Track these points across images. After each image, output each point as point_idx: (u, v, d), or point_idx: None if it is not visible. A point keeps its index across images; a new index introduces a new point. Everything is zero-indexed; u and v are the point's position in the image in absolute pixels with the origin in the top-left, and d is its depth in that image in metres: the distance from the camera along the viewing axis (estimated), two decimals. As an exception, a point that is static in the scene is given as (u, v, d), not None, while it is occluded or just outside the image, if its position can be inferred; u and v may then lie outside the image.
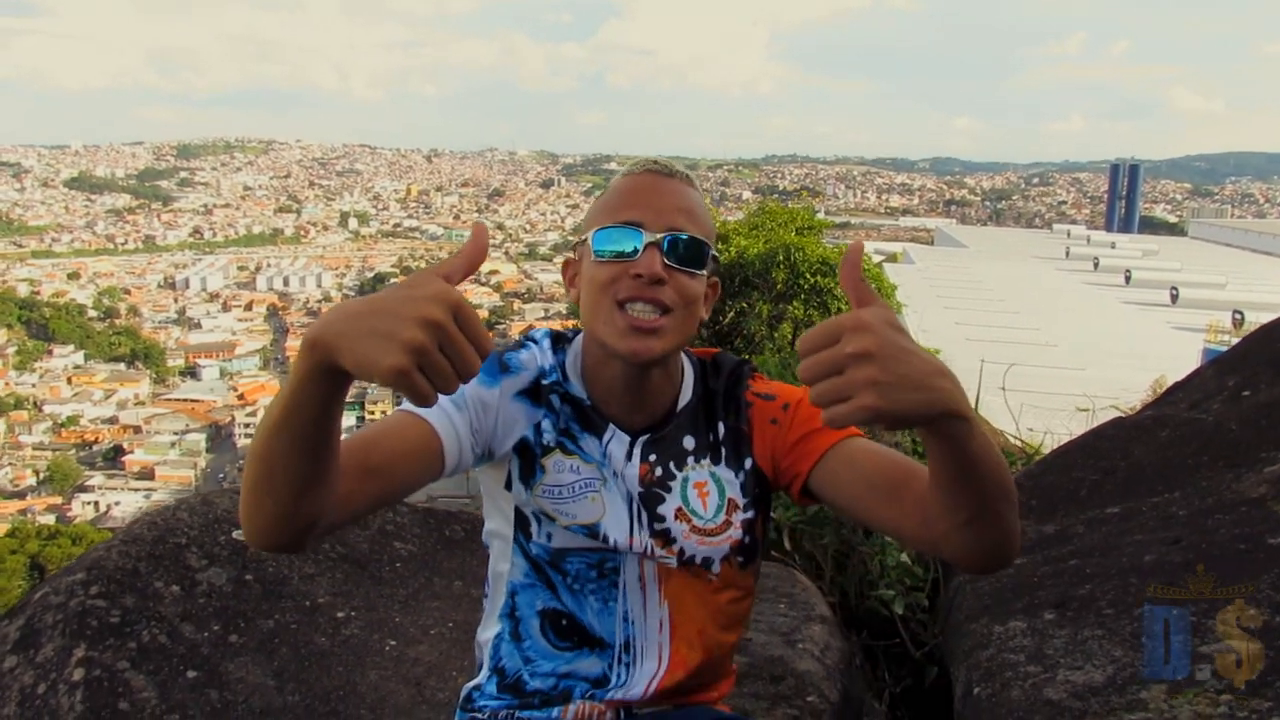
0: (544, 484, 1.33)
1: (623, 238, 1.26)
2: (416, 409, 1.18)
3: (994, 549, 1.12)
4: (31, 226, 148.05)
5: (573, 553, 1.35)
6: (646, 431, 1.36)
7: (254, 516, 1.05)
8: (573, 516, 1.33)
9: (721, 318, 11.38)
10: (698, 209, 1.31)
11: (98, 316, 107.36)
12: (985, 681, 1.93)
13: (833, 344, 0.92)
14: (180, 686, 2.09)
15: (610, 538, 1.33)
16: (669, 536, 1.34)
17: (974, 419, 0.99)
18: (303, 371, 0.95)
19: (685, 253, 1.27)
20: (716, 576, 1.37)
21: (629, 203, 1.29)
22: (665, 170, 1.33)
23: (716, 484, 1.37)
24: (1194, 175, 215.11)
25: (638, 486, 1.34)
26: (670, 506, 1.35)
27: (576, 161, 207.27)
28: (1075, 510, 2.72)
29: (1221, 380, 3.30)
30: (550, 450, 1.33)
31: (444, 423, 1.22)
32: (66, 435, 73.21)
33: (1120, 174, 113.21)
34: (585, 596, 1.36)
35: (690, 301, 1.28)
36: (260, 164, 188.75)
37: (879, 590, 2.79)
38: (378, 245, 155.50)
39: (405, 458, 1.19)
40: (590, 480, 1.33)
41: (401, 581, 2.69)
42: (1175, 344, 22.56)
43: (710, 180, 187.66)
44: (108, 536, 2.75)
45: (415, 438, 1.20)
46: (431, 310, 0.89)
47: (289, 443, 0.99)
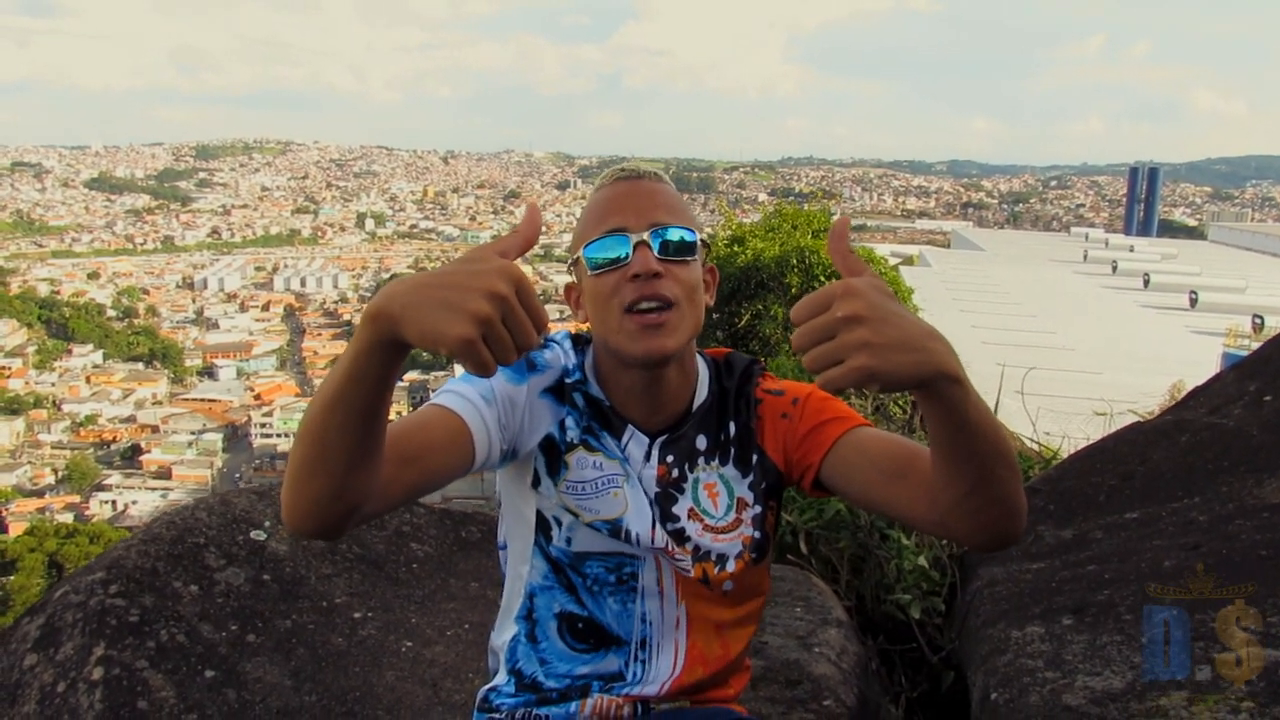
0: (567, 480, 1.35)
1: (611, 246, 1.29)
2: (446, 404, 1.23)
3: (998, 521, 1.13)
4: (52, 226, 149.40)
5: (593, 556, 1.37)
6: (664, 432, 1.38)
7: (300, 497, 1.05)
8: (596, 512, 1.35)
9: (737, 320, 11.36)
10: (675, 203, 1.34)
11: (116, 316, 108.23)
12: (1003, 687, 1.92)
13: (824, 311, 0.94)
14: (198, 686, 2.10)
15: (633, 532, 1.35)
16: (683, 535, 1.37)
17: (967, 382, 1.01)
18: (363, 344, 0.97)
19: (674, 244, 1.29)
20: (731, 577, 1.38)
21: (609, 212, 1.31)
22: (635, 173, 1.36)
23: (725, 485, 1.40)
24: (1214, 178, 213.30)
25: (655, 486, 1.37)
26: (684, 506, 1.38)
27: (593, 164, 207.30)
28: (1094, 515, 2.70)
29: (1242, 385, 3.27)
30: (574, 447, 1.35)
31: (474, 416, 1.24)
32: (85, 434, 73.82)
33: (1139, 177, 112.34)
34: (604, 598, 1.38)
35: (691, 289, 1.30)
36: (278, 165, 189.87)
37: (895, 594, 2.78)
38: (394, 246, 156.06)
39: (438, 449, 1.20)
40: (613, 476, 1.36)
41: (418, 582, 2.70)
42: (1194, 348, 22.34)
43: (726, 182, 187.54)
44: (125, 535, 2.77)
45: (447, 430, 1.22)
46: (497, 284, 0.92)
47: (344, 417, 1.01)
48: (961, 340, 19.34)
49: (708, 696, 1.43)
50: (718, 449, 1.40)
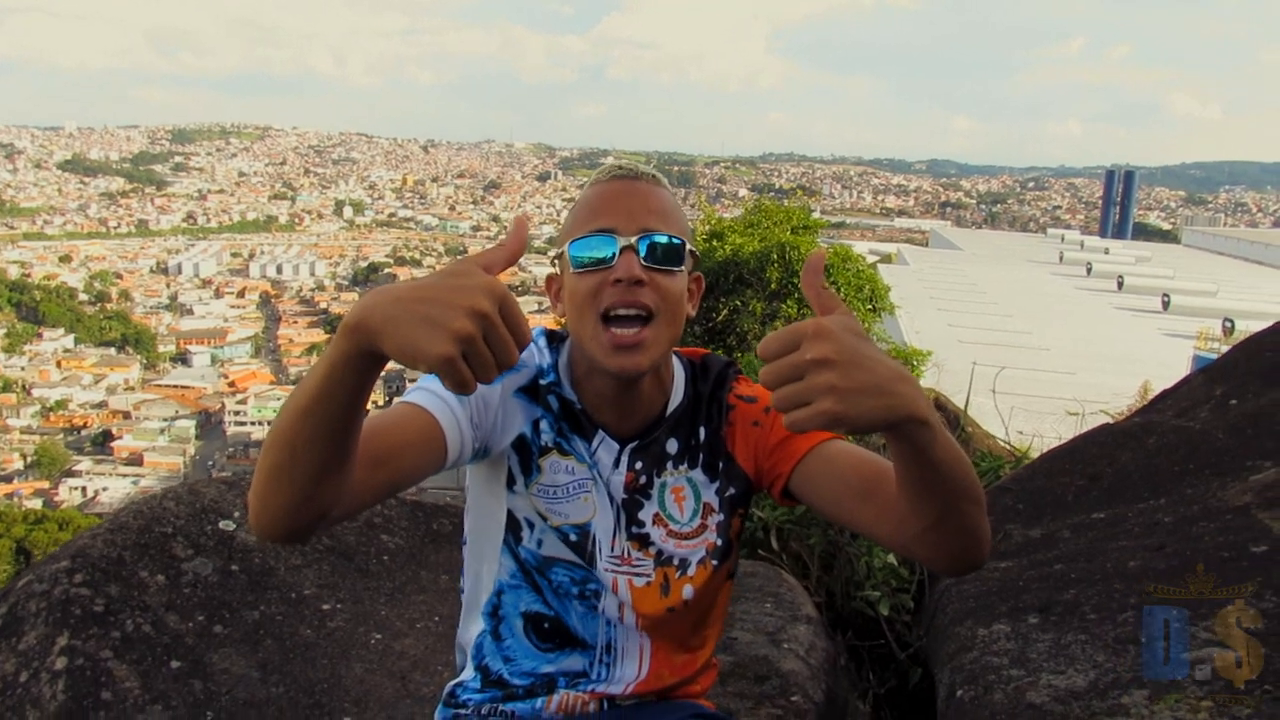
0: (540, 483, 1.34)
1: (598, 245, 1.26)
2: (418, 401, 1.21)
3: (962, 552, 1.14)
4: (23, 208, 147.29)
5: (560, 563, 1.36)
6: (635, 438, 1.37)
7: (268, 503, 1.04)
8: (565, 516, 1.34)
9: (715, 315, 11.39)
10: (669, 208, 1.30)
11: (89, 300, 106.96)
12: (968, 684, 1.94)
13: (793, 350, 0.93)
14: (163, 677, 2.08)
15: (597, 538, 1.35)
16: (647, 540, 1.37)
17: (936, 424, 1.00)
18: (340, 354, 0.95)
19: (661, 252, 1.26)
20: (691, 582, 1.38)
21: (600, 210, 1.28)
22: (632, 173, 1.32)
23: (693, 489, 1.39)
24: (1189, 183, 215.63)
25: (621, 493, 1.36)
26: (649, 512, 1.37)
27: (573, 155, 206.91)
28: (1062, 515, 2.73)
29: (1209, 389, 3.32)
30: (548, 451, 1.34)
31: (446, 415, 1.23)
32: (55, 419, 72.96)
33: (1115, 180, 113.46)
34: (570, 601, 1.38)
35: (673, 301, 1.28)
36: (256, 150, 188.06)
37: (865, 591, 2.80)
38: (372, 235, 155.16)
39: (410, 448, 1.19)
40: (583, 480, 1.35)
41: (388, 574, 2.69)
42: (1165, 350, 22.62)
43: (707, 177, 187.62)
44: (95, 522, 2.74)
45: (419, 429, 1.20)
46: (480, 301, 0.91)
47: (315, 426, 0.99)
48: (938, 339, 19.37)
49: (674, 695, 1.44)
50: (688, 453, 1.39)
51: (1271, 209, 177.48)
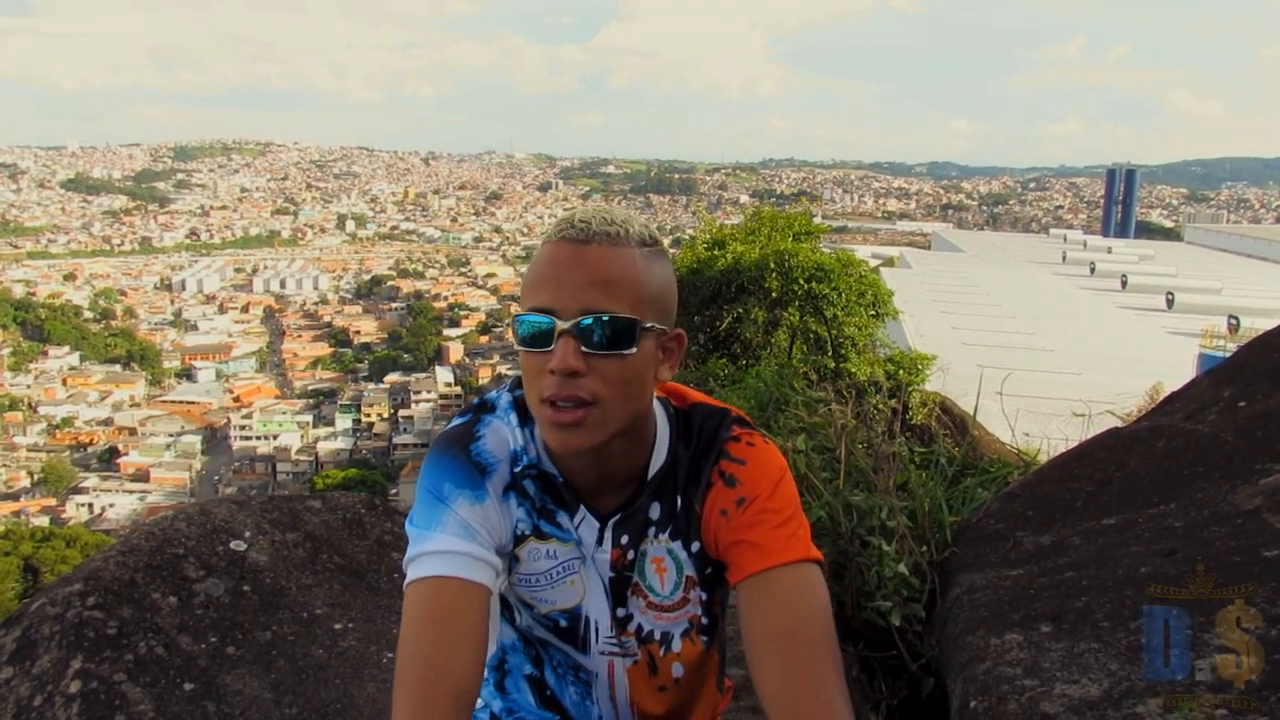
0: (519, 573, 1.28)
1: (536, 326, 1.14)
2: (452, 574, 1.17)
3: None
4: (28, 227, 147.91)
5: (553, 646, 1.34)
6: (617, 510, 1.27)
7: None
8: (552, 603, 1.29)
9: (719, 323, 11.39)
10: (621, 276, 1.14)
11: (93, 318, 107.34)
12: (982, 695, 1.93)
13: None
14: (177, 699, 2.08)
15: (592, 620, 1.30)
16: (630, 618, 1.31)
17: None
18: None
19: (605, 336, 1.12)
20: (679, 659, 1.33)
21: (541, 283, 1.15)
22: (582, 235, 1.14)
23: (674, 560, 1.29)
24: (1190, 180, 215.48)
25: (609, 571, 1.29)
26: (630, 585, 1.30)
27: (574, 165, 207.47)
28: (1071, 521, 2.73)
29: (1218, 391, 3.31)
30: (524, 539, 1.26)
31: (481, 570, 1.18)
32: (61, 437, 73.16)
33: (1117, 179, 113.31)
34: (566, 684, 1.36)
35: (622, 385, 1.15)
36: (257, 166, 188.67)
37: (876, 601, 2.79)
38: (375, 248, 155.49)
39: (477, 634, 1.15)
40: (569, 562, 1.28)
41: (399, 592, 2.68)
42: (1171, 349, 22.59)
43: (708, 184, 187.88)
44: (102, 539, 2.75)
45: (476, 609, 1.15)
46: None
47: None
48: (941, 342, 19.42)
49: None
50: (671, 521, 1.28)
51: (1274, 204, 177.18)
